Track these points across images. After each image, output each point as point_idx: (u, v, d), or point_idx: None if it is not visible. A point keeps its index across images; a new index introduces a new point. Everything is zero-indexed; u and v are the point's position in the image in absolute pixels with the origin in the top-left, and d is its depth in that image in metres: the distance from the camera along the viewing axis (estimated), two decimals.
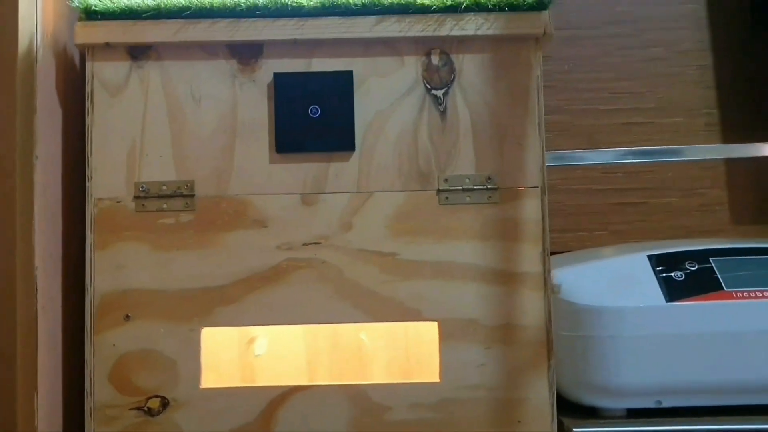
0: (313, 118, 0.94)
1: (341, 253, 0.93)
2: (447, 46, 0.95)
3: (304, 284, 0.93)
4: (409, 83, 0.95)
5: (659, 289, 1.00)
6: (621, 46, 1.36)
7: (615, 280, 1.02)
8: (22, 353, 0.85)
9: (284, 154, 0.94)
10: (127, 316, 0.92)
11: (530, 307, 0.93)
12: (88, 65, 0.94)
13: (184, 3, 0.93)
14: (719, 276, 1.00)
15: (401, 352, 1.10)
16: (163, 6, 0.93)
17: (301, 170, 0.94)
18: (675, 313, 0.98)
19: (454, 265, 0.93)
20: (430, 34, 0.94)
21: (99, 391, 0.92)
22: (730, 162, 1.35)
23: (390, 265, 0.93)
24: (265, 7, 0.93)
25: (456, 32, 0.94)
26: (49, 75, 0.94)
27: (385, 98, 0.95)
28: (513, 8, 0.94)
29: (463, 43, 0.95)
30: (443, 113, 0.95)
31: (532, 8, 0.94)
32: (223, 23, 0.94)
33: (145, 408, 0.92)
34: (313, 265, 0.93)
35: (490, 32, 0.94)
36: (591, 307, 1.00)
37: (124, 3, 0.93)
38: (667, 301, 0.99)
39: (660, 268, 1.03)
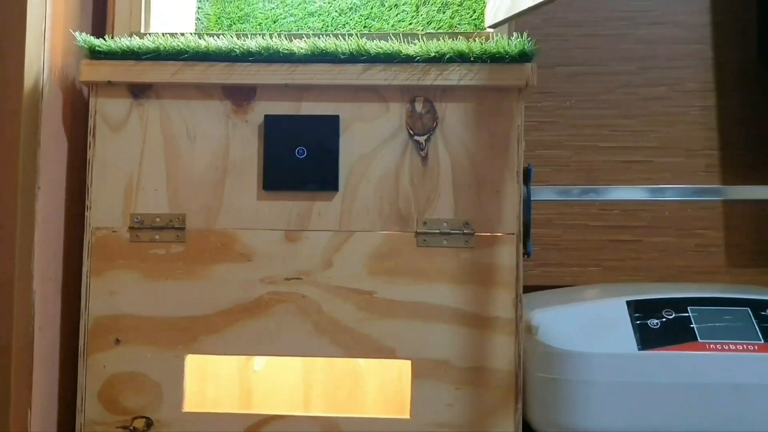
0: (299, 158, 0.98)
1: (321, 289, 0.98)
2: (431, 94, 0.99)
3: (285, 317, 0.98)
4: (393, 128, 0.99)
5: (633, 337, 1.02)
6: (624, 83, 1.38)
7: (591, 325, 1.05)
8: (17, 371, 0.92)
9: (271, 192, 0.99)
10: (118, 340, 0.99)
11: (501, 351, 0.96)
12: (92, 101, 1.00)
13: (181, 46, 0.98)
14: (695, 326, 1.02)
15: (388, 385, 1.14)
16: (162, 48, 0.98)
17: (287, 208, 0.99)
18: (646, 361, 1.00)
19: (430, 306, 0.97)
20: (414, 82, 0.97)
21: (89, 408, 0.98)
22: (728, 204, 1.35)
23: (367, 303, 0.97)
24: (258, 52, 0.98)
25: (440, 82, 0.97)
26: (56, 109, 1.01)
27: (369, 142, 0.99)
28: (496, 60, 0.97)
29: (447, 92, 0.99)
30: (425, 158, 0.99)
31: (514, 60, 0.96)
32: (218, 67, 0.99)
33: (131, 427, 0.98)
34: (294, 300, 0.98)
35: (473, 83, 0.97)
36: (564, 351, 1.03)
37: (126, 44, 0.99)
38: (639, 349, 1.01)
39: (637, 314, 1.05)
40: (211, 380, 1.20)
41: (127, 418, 0.98)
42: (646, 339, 1.02)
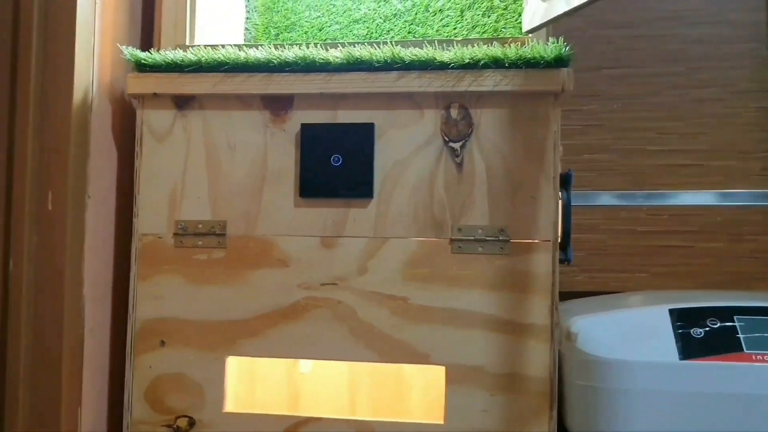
0: (334, 166, 1.00)
1: (356, 294, 0.99)
2: (466, 100, 0.99)
3: (321, 322, 0.99)
4: (428, 135, 0.99)
5: (675, 346, 1.00)
6: (672, 85, 1.34)
7: (631, 333, 1.03)
8: (67, 371, 0.96)
9: (307, 199, 1.01)
10: (163, 342, 1.02)
11: (536, 358, 0.95)
12: (139, 113, 1.05)
13: (222, 58, 1.01)
14: (741, 336, 0.99)
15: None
16: (203, 61, 1.02)
17: (323, 214, 1.01)
18: (688, 371, 0.98)
19: (464, 313, 0.97)
20: (449, 89, 0.98)
21: (136, 408, 1.02)
22: None
23: (401, 308, 0.98)
24: (295, 62, 1.00)
25: (474, 88, 0.97)
26: (105, 121, 1.05)
27: (404, 149, 1.00)
28: (531, 65, 0.96)
29: (482, 98, 0.99)
30: (459, 165, 0.99)
31: (549, 66, 0.96)
32: (257, 77, 1.01)
33: (175, 426, 1.01)
34: (330, 305, 1.00)
35: (508, 88, 0.97)
36: (603, 358, 1.01)
37: (170, 57, 1.02)
38: (681, 359, 0.98)
39: (679, 323, 1.02)
40: (260, 382, 1.23)
41: (171, 417, 1.01)
42: (689, 348, 0.99)
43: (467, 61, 0.97)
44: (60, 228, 0.96)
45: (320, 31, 1.38)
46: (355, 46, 1.02)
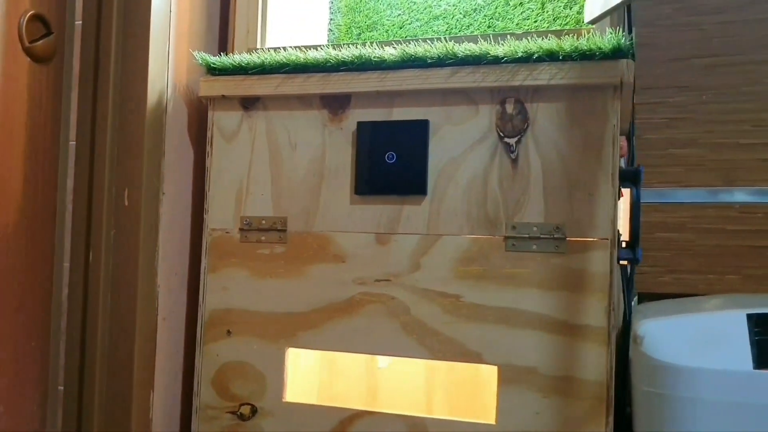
0: (389, 163, 1.00)
1: (409, 291, 0.99)
2: (522, 95, 0.96)
3: (375, 318, 1.00)
4: (483, 131, 0.98)
5: (750, 353, 0.92)
6: None
7: (702, 338, 0.96)
8: (140, 356, 1.03)
9: (363, 196, 1.02)
10: (229, 332, 1.07)
11: (591, 362, 0.92)
12: (210, 114, 1.10)
13: (283, 60, 1.04)
14: None
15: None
16: (266, 63, 1.05)
17: (377, 211, 1.01)
18: (761, 381, 0.90)
19: (517, 312, 0.95)
20: (503, 83, 0.96)
21: (204, 393, 1.08)
22: None
23: (454, 306, 0.97)
24: (352, 62, 1.01)
25: (529, 82, 0.95)
26: (180, 122, 1.12)
27: (459, 145, 0.99)
28: (586, 57, 0.92)
29: (538, 92, 0.96)
30: (514, 161, 0.96)
31: (606, 57, 0.91)
32: (316, 77, 1.04)
33: (239, 413, 1.06)
34: (383, 301, 1.00)
35: (563, 81, 0.93)
36: (669, 364, 0.95)
37: (237, 61, 1.07)
38: (755, 368, 0.91)
39: (757, 329, 0.94)
40: (340, 375, 1.26)
41: (235, 404, 1.06)
42: (765, 356, 0.91)
43: (521, 54, 0.94)
44: (135, 223, 1.03)
45: (401, 28, 1.38)
46: (410, 44, 1.01)
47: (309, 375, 1.25)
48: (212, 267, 1.09)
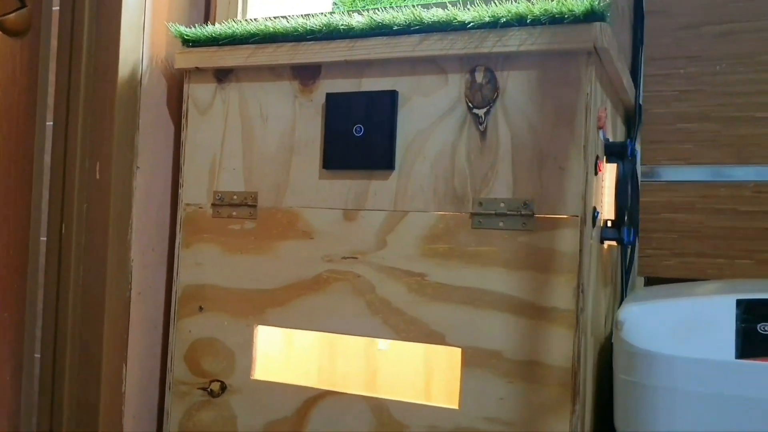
0: (356, 136, 0.97)
1: (375, 269, 0.97)
2: (491, 63, 0.92)
3: (341, 296, 0.98)
4: (452, 102, 0.94)
5: (733, 342, 0.85)
6: None
7: (685, 325, 0.89)
8: (111, 330, 1.05)
9: (331, 171, 1.00)
10: (201, 308, 1.07)
11: (558, 346, 0.87)
12: (185, 87, 1.10)
13: (252, 30, 1.03)
14: None
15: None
16: (237, 34, 1.04)
17: (345, 187, 0.99)
18: (744, 371, 0.83)
19: (483, 292, 0.91)
20: (472, 51, 0.91)
21: (176, 368, 1.08)
22: None
23: (419, 285, 0.94)
24: (319, 30, 0.99)
25: (499, 48, 0.90)
26: (158, 96, 1.12)
27: (427, 117, 0.95)
28: (556, 21, 0.87)
29: (508, 59, 0.91)
30: (483, 133, 0.92)
31: (577, 20, 0.86)
32: (285, 47, 1.02)
33: (209, 389, 1.06)
34: (350, 279, 0.98)
35: (534, 47, 0.88)
36: (647, 351, 0.89)
37: (210, 31, 1.06)
38: (737, 357, 0.84)
39: (746, 316, 0.87)
40: (340, 357, 1.25)
41: (206, 380, 1.06)
42: (750, 346, 0.84)
43: (488, 19, 0.90)
44: (106, 196, 1.04)
45: None
46: (378, 11, 0.98)
47: (307, 355, 1.25)
48: (186, 242, 1.09)
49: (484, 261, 0.92)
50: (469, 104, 0.93)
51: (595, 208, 0.92)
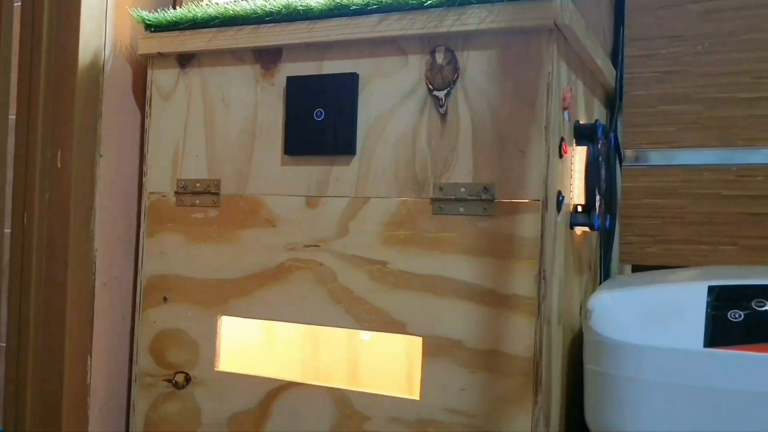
0: (317, 121, 0.95)
1: (336, 257, 0.95)
2: (452, 43, 0.89)
3: (303, 285, 0.96)
4: (412, 84, 0.91)
5: (702, 329, 0.82)
6: None
7: (654, 313, 0.86)
8: (74, 322, 1.04)
9: (293, 157, 0.98)
10: (165, 298, 1.06)
11: (519, 335, 0.85)
12: (149, 73, 1.08)
13: (213, 13, 1.01)
14: None
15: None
16: (198, 17, 1.02)
17: (307, 173, 0.97)
18: (712, 361, 0.80)
19: (443, 280, 0.89)
20: (431, 30, 0.89)
21: (142, 360, 1.07)
22: None
23: (380, 273, 0.92)
24: (279, 12, 0.97)
25: (458, 27, 0.88)
26: (122, 82, 1.11)
27: (388, 100, 0.93)
28: None
29: (468, 39, 0.88)
30: (443, 116, 0.89)
31: None
32: (246, 30, 1.00)
33: (174, 381, 1.05)
34: (312, 267, 0.96)
35: (493, 25, 0.86)
36: (613, 340, 0.87)
37: (171, 15, 1.04)
38: (706, 345, 0.81)
39: (717, 303, 0.84)
40: (323, 347, 1.23)
41: (171, 372, 1.05)
42: (719, 334, 0.81)
43: None
44: (67, 185, 1.03)
45: None
46: None
47: (289, 347, 1.23)
48: (150, 231, 1.07)
49: (444, 248, 0.89)
50: (430, 86, 0.91)
51: (560, 192, 0.89)
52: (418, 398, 0.90)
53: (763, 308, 0.82)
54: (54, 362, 1.03)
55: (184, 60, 1.06)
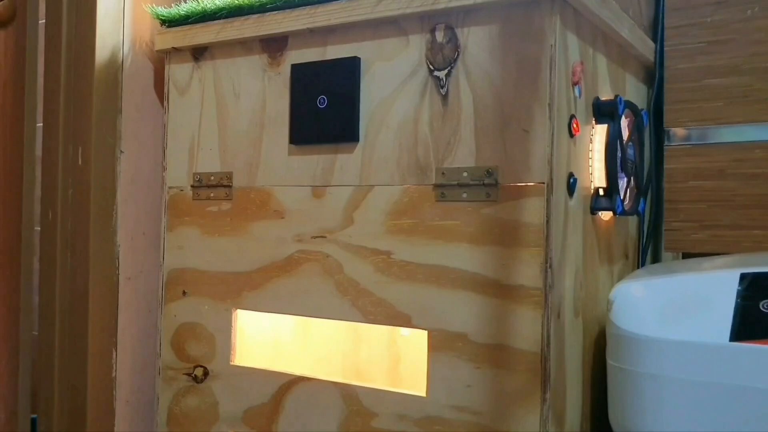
0: (320, 108, 0.93)
1: (342, 248, 0.92)
2: (452, 19, 0.85)
3: (311, 277, 0.95)
4: (413, 65, 0.88)
5: (730, 321, 0.74)
6: None
7: (680, 304, 0.79)
8: (97, 316, 1.06)
9: (299, 146, 0.96)
10: (184, 292, 1.06)
11: (526, 328, 0.79)
12: (167, 68, 1.09)
13: (220, 4, 1.00)
14: None
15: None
16: (207, 9, 1.02)
17: (312, 162, 0.95)
18: (737, 356, 0.72)
19: (447, 270, 0.85)
20: (430, 7, 0.85)
21: (164, 353, 1.08)
22: None
23: (385, 264, 0.89)
24: None
25: (457, 2, 0.83)
26: (143, 78, 1.12)
27: (390, 83, 0.89)
28: None
29: (469, 14, 0.84)
30: (444, 97, 0.85)
31: None
32: (252, 19, 0.99)
33: (193, 375, 1.05)
34: (319, 259, 0.94)
35: None
36: (633, 334, 0.80)
37: (182, 9, 1.04)
38: (732, 339, 0.73)
39: (748, 293, 0.76)
40: (364, 344, 1.22)
41: (190, 366, 1.06)
42: (748, 326, 0.73)
43: None
44: (87, 182, 1.05)
45: None
46: None
47: (327, 343, 1.22)
48: (170, 226, 1.08)
49: (448, 236, 0.85)
50: (430, 66, 0.86)
51: (571, 174, 0.83)
52: (424, 395, 0.86)
53: None
54: (78, 355, 1.05)
55: (198, 53, 1.06)
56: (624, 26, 0.97)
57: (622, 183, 0.94)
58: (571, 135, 0.83)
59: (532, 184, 0.80)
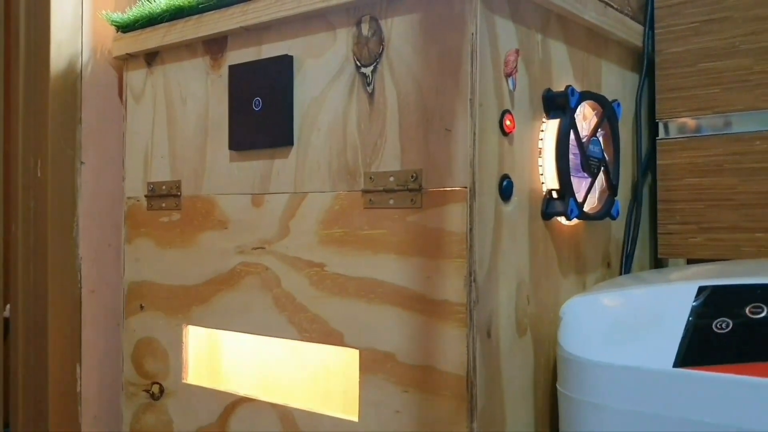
0: (256, 111, 0.89)
1: (280, 260, 0.88)
2: (376, 10, 0.79)
3: (251, 291, 0.91)
4: (340, 61, 0.82)
5: (678, 344, 0.65)
6: None
7: (626, 322, 0.70)
8: (59, 329, 1.06)
9: (240, 152, 0.92)
10: (141, 306, 1.05)
11: (450, 348, 0.73)
12: (125, 75, 1.08)
13: (164, 6, 0.98)
14: None
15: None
16: (154, 13, 1.00)
17: (252, 168, 0.91)
18: (682, 384, 0.63)
19: (375, 284, 0.79)
20: None
21: (126, 369, 1.07)
22: None
23: (319, 277, 0.84)
24: None
25: None
26: (104, 87, 1.12)
27: (320, 82, 0.84)
28: None
29: (392, 3, 0.78)
30: (371, 95, 0.79)
31: None
32: (192, 21, 0.96)
33: (151, 391, 1.03)
34: (259, 272, 0.90)
35: None
36: (578, 358, 0.71)
37: (133, 14, 1.03)
38: (676, 365, 0.64)
39: (703, 309, 0.66)
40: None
41: (148, 382, 1.04)
42: (697, 349, 0.64)
43: None
44: (45, 194, 1.04)
45: None
46: None
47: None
48: (128, 237, 1.07)
49: (376, 247, 0.79)
50: (357, 62, 0.81)
51: (506, 176, 0.75)
52: (356, 419, 0.81)
53: (759, 316, 0.64)
54: (39, 369, 1.05)
55: (150, 59, 1.04)
56: (588, 8, 0.88)
57: (583, 184, 0.85)
58: (504, 133, 0.76)
59: (455, 188, 0.73)
